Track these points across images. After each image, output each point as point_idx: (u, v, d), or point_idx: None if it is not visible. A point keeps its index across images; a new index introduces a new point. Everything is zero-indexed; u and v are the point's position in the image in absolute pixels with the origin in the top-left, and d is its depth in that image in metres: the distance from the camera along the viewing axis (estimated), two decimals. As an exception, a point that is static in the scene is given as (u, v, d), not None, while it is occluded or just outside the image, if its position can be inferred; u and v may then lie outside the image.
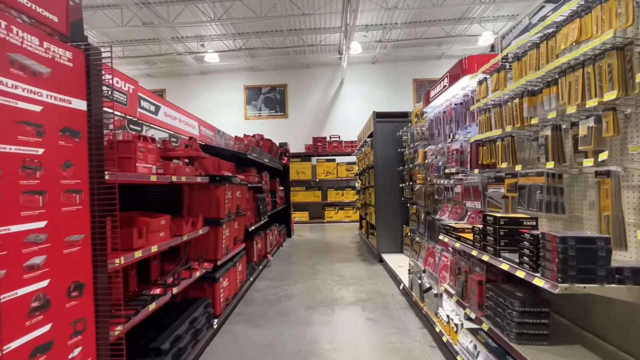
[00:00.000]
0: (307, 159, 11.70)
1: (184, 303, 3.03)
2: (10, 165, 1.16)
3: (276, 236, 6.99)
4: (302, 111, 12.46)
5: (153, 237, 2.22)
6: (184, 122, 4.25)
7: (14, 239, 1.16)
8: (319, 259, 6.29)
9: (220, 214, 3.38)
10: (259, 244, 5.48)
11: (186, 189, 3.38)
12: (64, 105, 1.39)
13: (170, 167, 2.47)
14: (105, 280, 1.54)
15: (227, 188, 3.48)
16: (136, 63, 11.66)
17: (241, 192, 4.33)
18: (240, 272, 4.19)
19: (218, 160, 3.85)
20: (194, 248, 3.31)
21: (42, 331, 1.24)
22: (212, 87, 12.66)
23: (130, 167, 2.06)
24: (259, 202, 5.44)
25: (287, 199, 8.81)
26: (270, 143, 6.43)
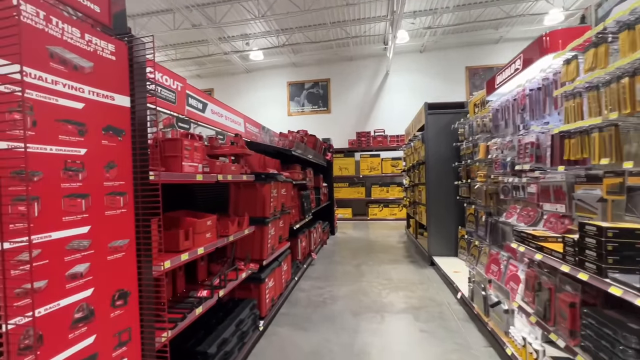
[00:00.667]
0: (350, 155, 11.41)
1: (230, 303, 2.98)
2: (51, 167, 1.08)
3: (320, 234, 6.85)
4: (345, 106, 12.17)
5: (199, 238, 2.14)
6: (230, 119, 4.22)
7: (56, 246, 1.08)
8: (363, 258, 6.02)
9: (266, 212, 3.27)
10: (303, 242, 5.37)
11: (232, 187, 3.32)
12: (107, 101, 1.30)
13: (217, 165, 2.38)
14: (150, 287, 1.45)
15: (272, 186, 3.36)
16: (187, 65, 12.20)
17: (286, 189, 4.21)
18: (286, 272, 4.09)
19: (263, 157, 3.75)
20: (240, 247, 3.25)
21: (86, 344, 1.17)
22: (257, 84, 12.86)
23: (176, 166, 1.98)
24: (303, 200, 5.31)
25: (331, 195, 8.63)
26: (315, 139, 6.26)
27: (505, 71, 3.20)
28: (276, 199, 3.59)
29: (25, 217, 0.97)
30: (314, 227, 6.16)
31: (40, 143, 1.04)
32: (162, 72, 2.77)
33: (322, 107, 12.49)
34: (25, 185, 0.94)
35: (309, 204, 5.73)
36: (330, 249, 6.99)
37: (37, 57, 1.04)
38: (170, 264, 1.73)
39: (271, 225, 3.40)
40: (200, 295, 2.23)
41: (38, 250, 1.02)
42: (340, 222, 10.54)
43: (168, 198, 2.70)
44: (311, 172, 6.37)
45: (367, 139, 11.20)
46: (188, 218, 2.13)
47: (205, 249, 2.14)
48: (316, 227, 6.39)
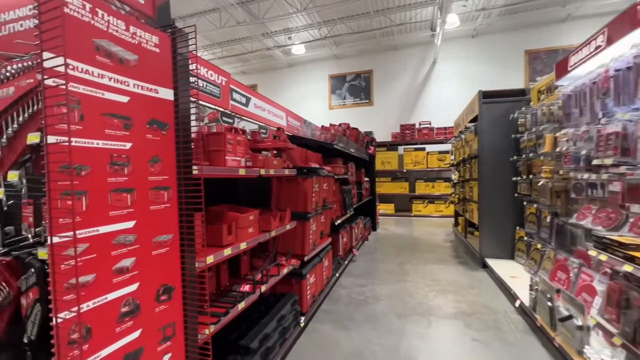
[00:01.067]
0: (393, 148, 11.01)
1: (272, 297, 2.97)
2: (98, 161, 1.07)
3: (361, 229, 6.69)
4: (389, 97, 11.74)
5: (242, 233, 2.12)
6: (273, 113, 4.21)
7: (103, 240, 1.08)
8: (407, 256, 5.76)
9: (307, 207, 3.20)
10: (344, 238, 5.26)
11: (274, 182, 3.30)
12: (151, 95, 1.29)
13: (259, 159, 2.34)
14: (194, 282, 1.44)
15: (314, 180, 3.28)
16: (232, 62, 12.59)
17: (328, 184, 4.12)
18: (327, 268, 4.01)
19: (305, 151, 3.69)
20: (281, 242, 3.23)
21: (132, 337, 1.17)
22: (299, 78, 12.90)
23: (219, 160, 1.96)
24: (345, 194, 5.19)
25: (373, 190, 8.40)
26: (357, 132, 6.08)
27: (582, 50, 2.77)
28: (318, 194, 3.51)
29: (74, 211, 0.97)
30: (355, 223, 6.02)
31: (88, 137, 1.04)
32: (207, 67, 2.80)
33: (364, 100, 12.18)
34: (70, 179, 0.94)
35: (351, 199, 5.59)
36: (372, 245, 6.80)
37: (83, 51, 1.03)
38: (214, 259, 1.72)
39: (313, 221, 3.33)
40: (243, 290, 2.23)
41: (86, 244, 1.02)
42: (382, 218, 10.25)
43: (211, 192, 2.74)
44: (353, 166, 6.21)
45: (411, 131, 10.71)
46: (231, 213, 2.12)
47: (247, 244, 2.12)
48: (357, 222, 6.24)
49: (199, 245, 1.51)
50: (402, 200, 11.06)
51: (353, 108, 12.27)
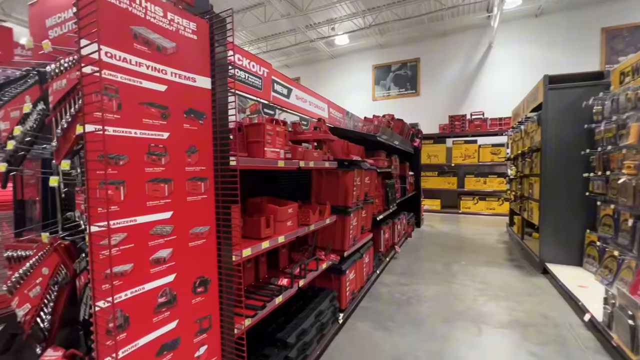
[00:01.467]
0: (441, 141, 10.40)
1: (310, 292, 2.93)
2: (136, 151, 1.07)
3: (404, 226, 6.41)
4: (437, 87, 11.07)
5: (281, 226, 2.08)
6: (314, 104, 4.13)
7: (141, 230, 1.08)
8: (454, 256, 5.40)
9: (348, 201, 3.09)
10: (386, 234, 5.07)
11: (314, 174, 3.23)
12: (189, 83, 1.26)
13: (299, 151, 2.28)
14: (230, 275, 1.42)
15: (355, 174, 3.15)
16: (276, 56, 12.75)
17: (370, 177, 3.96)
18: (367, 264, 3.88)
19: (347, 144, 3.56)
20: (321, 237, 3.16)
21: (169, 328, 1.17)
22: (341, 70, 12.70)
23: (258, 151, 1.92)
24: (387, 189, 4.98)
25: (417, 185, 8.02)
26: (402, 123, 5.79)
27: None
28: (359, 188, 3.38)
29: (112, 200, 0.97)
30: (398, 219, 5.78)
31: (126, 126, 1.03)
32: (248, 58, 2.79)
33: (409, 90, 11.64)
34: (104, 168, 0.94)
35: (394, 194, 5.36)
36: (416, 242, 6.50)
37: (121, 38, 1.02)
38: (251, 251, 1.69)
39: (353, 215, 3.21)
40: (281, 284, 2.20)
41: (124, 234, 1.03)
42: (427, 214, 9.79)
43: (251, 184, 2.75)
44: (397, 160, 5.95)
45: (461, 123, 10.01)
46: (270, 205, 2.09)
47: (286, 237, 2.07)
48: (400, 218, 5.99)
49: (236, 238, 1.48)
50: (449, 196, 10.45)
51: (398, 99, 11.79)
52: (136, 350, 1.05)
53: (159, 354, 1.13)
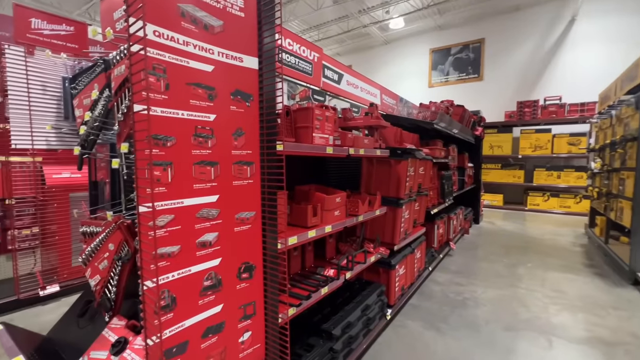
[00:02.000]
0: (506, 130, 9.43)
1: (357, 284, 2.84)
2: (183, 132, 1.06)
3: (461, 221, 5.96)
4: (504, 70, 10.01)
5: (328, 215, 2.01)
6: (366, 90, 3.95)
7: (187, 213, 1.08)
8: (519, 258, 4.87)
9: (400, 192, 2.91)
10: (440, 229, 4.75)
11: (364, 163, 3.10)
12: (235, 63, 1.22)
13: (349, 138, 2.16)
14: (276, 263, 1.38)
15: (409, 163, 2.95)
16: (328, 44, 12.61)
17: (425, 168, 3.70)
18: (419, 260, 3.67)
19: (400, 131, 3.35)
20: (370, 228, 3.03)
21: (214, 311, 1.17)
22: (395, 56, 12.13)
23: (306, 137, 1.86)
24: (443, 181, 4.63)
25: (477, 177, 7.39)
26: (462, 110, 5.31)
27: None
28: (412, 178, 3.16)
29: (159, 182, 0.97)
30: (454, 213, 5.38)
31: (173, 107, 1.02)
32: (299, 43, 2.72)
33: (471, 75, 10.70)
34: (149, 148, 0.93)
35: (450, 186, 4.98)
36: (473, 240, 6.02)
37: (168, 17, 1.01)
38: (297, 240, 1.65)
39: (405, 208, 3.02)
40: (327, 275, 2.14)
41: (171, 215, 1.03)
42: (487, 210, 9.03)
43: (299, 171, 2.71)
44: (455, 150, 5.50)
45: (532, 109, 8.94)
46: (318, 193, 2.02)
47: (333, 227, 2.00)
48: (457, 213, 5.57)
49: (282, 225, 1.44)
50: (514, 191, 9.50)
51: (457, 85, 10.93)
52: (183, 330, 1.07)
53: (204, 336, 1.14)
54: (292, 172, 2.63)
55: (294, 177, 2.62)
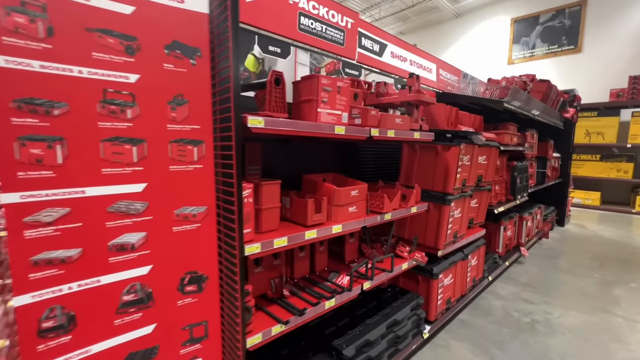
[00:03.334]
0: (611, 112, 7.56)
1: (390, 292, 2.38)
2: (82, 97, 0.77)
3: (538, 222, 4.92)
4: (611, 37, 7.98)
5: (338, 212, 1.60)
6: (417, 64, 3.32)
7: (92, 206, 0.80)
8: (618, 274, 3.78)
9: (447, 186, 2.33)
10: (508, 231, 3.91)
11: (405, 149, 2.56)
12: (172, 4, 0.88)
13: (371, 115, 1.69)
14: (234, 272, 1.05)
15: (462, 150, 2.33)
16: (390, 23, 11.63)
17: (488, 157, 2.98)
18: (474, 268, 3.01)
19: (455, 111, 2.70)
20: (408, 227, 2.52)
21: (141, 333, 0.90)
22: (467, 30, 10.63)
23: (310, 113, 1.46)
24: (515, 173, 3.77)
25: (565, 170, 6.05)
26: (546, 86, 4.24)
27: None
28: (468, 169, 2.52)
29: (43, 164, 0.71)
30: (529, 212, 4.41)
31: (61, 62, 0.74)
32: (327, 6, 2.28)
33: (566, 46, 8.80)
34: (20, 116, 0.65)
35: (525, 180, 4.06)
36: (554, 246, 4.92)
37: None
38: (287, 242, 1.29)
39: (455, 205, 2.43)
40: (340, 283, 1.75)
41: (65, 208, 0.76)
42: (578, 210, 7.45)
43: (319, 157, 2.30)
44: (534, 136, 4.47)
45: (651, 85, 6.96)
46: (327, 184, 1.62)
47: (344, 227, 1.59)
48: (533, 212, 4.57)
49: (269, 223, 1.10)
50: (616, 188, 7.66)
51: (546, 59, 9.12)
52: (89, 357, 0.81)
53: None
54: (305, 158, 2.26)
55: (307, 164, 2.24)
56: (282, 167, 2.12)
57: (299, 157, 2.25)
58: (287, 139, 2.01)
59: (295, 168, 2.19)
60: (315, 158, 2.39)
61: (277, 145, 2.07)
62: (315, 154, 2.38)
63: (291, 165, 2.19)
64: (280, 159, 2.11)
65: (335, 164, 2.53)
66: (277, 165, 2.09)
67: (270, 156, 2.01)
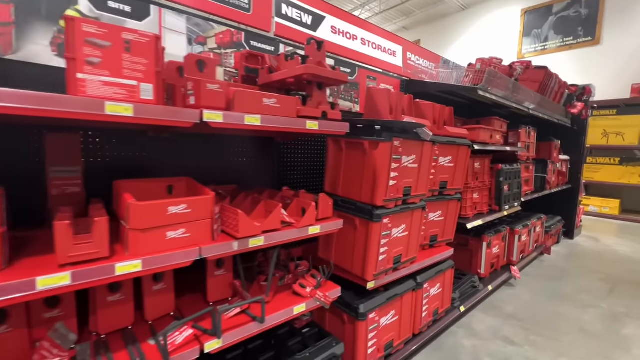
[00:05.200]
0: (632, 111, 6.58)
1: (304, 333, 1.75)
2: None
3: (538, 236, 4.13)
4: (634, 28, 6.99)
5: (142, 240, 1.00)
6: (373, 43, 2.68)
7: None
8: (631, 303, 2.99)
9: (375, 197, 1.68)
10: (494, 248, 3.19)
11: (330, 147, 1.93)
12: None
13: (207, 91, 1.09)
14: None
15: (396, 147, 1.67)
16: (393, 17, 10.90)
17: (454, 157, 2.31)
18: (435, 298, 2.33)
19: (406, 99, 2.05)
20: (335, 248, 1.89)
21: None
22: (474, 23, 9.78)
23: (70, 81, 0.88)
24: (501, 178, 3.05)
25: (575, 175, 5.20)
26: (543, 74, 3.46)
27: None
28: (413, 173, 1.86)
29: None
30: (524, 225, 3.66)
31: None
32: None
33: (582, 38, 7.84)
34: None
35: (516, 187, 3.32)
36: (558, 263, 4.12)
37: None
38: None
39: (393, 221, 1.77)
40: (174, 340, 1.15)
41: None
42: (592, 220, 6.52)
43: (227, 157, 1.69)
44: (530, 134, 3.70)
45: (682, 78, 5.96)
46: (126, 196, 1.03)
47: (147, 264, 0.98)
48: (530, 224, 3.80)
49: None
50: (638, 195, 6.67)
51: (560, 53, 8.18)
52: None
53: None
54: (201, 155, 1.68)
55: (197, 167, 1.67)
56: (166, 168, 1.57)
57: (192, 155, 1.69)
58: (145, 129, 1.44)
59: (182, 170, 1.63)
60: (215, 156, 1.81)
61: (153, 139, 1.52)
62: (215, 152, 1.80)
63: (177, 166, 1.62)
64: (161, 157, 1.55)
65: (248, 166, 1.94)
66: (158, 166, 1.54)
67: (148, 153, 1.47)
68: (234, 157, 1.89)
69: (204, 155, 1.76)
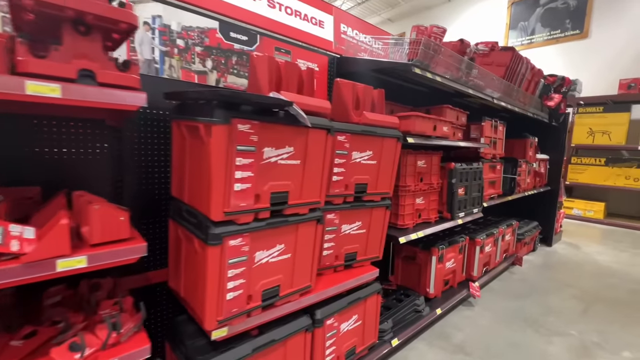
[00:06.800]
0: (620, 108, 6.04)
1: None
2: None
3: (507, 245, 3.58)
4: (624, 21, 6.44)
5: None
6: (287, 7, 2.09)
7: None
8: (606, 329, 2.45)
9: (212, 207, 1.10)
10: (446, 261, 2.63)
11: (173, 132, 1.35)
12: None
13: None
14: None
15: (240, 134, 1.09)
16: (377, 9, 10.28)
17: (377, 153, 1.73)
18: (347, 336, 1.76)
19: (306, 72, 1.47)
20: (184, 276, 1.32)
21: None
22: (459, 16, 9.19)
23: None
24: (453, 180, 2.48)
25: (554, 176, 4.66)
26: (510, 57, 2.87)
27: None
28: (293, 173, 1.29)
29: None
30: (488, 234, 3.10)
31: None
32: None
33: (570, 31, 7.28)
34: None
35: (477, 190, 2.76)
36: (529, 276, 3.57)
37: None
38: None
39: (253, 241, 1.20)
40: None
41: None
42: (575, 224, 6.00)
43: None
44: (497, 128, 3.13)
45: (674, 72, 5.42)
46: None
47: None
48: (497, 232, 3.24)
49: None
50: (626, 199, 6.14)
51: (547, 46, 7.63)
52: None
53: None
54: None
55: None
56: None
57: None
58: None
59: None
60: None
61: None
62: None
63: None
64: None
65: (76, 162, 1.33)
66: None
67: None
68: (42, 148, 1.30)
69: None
